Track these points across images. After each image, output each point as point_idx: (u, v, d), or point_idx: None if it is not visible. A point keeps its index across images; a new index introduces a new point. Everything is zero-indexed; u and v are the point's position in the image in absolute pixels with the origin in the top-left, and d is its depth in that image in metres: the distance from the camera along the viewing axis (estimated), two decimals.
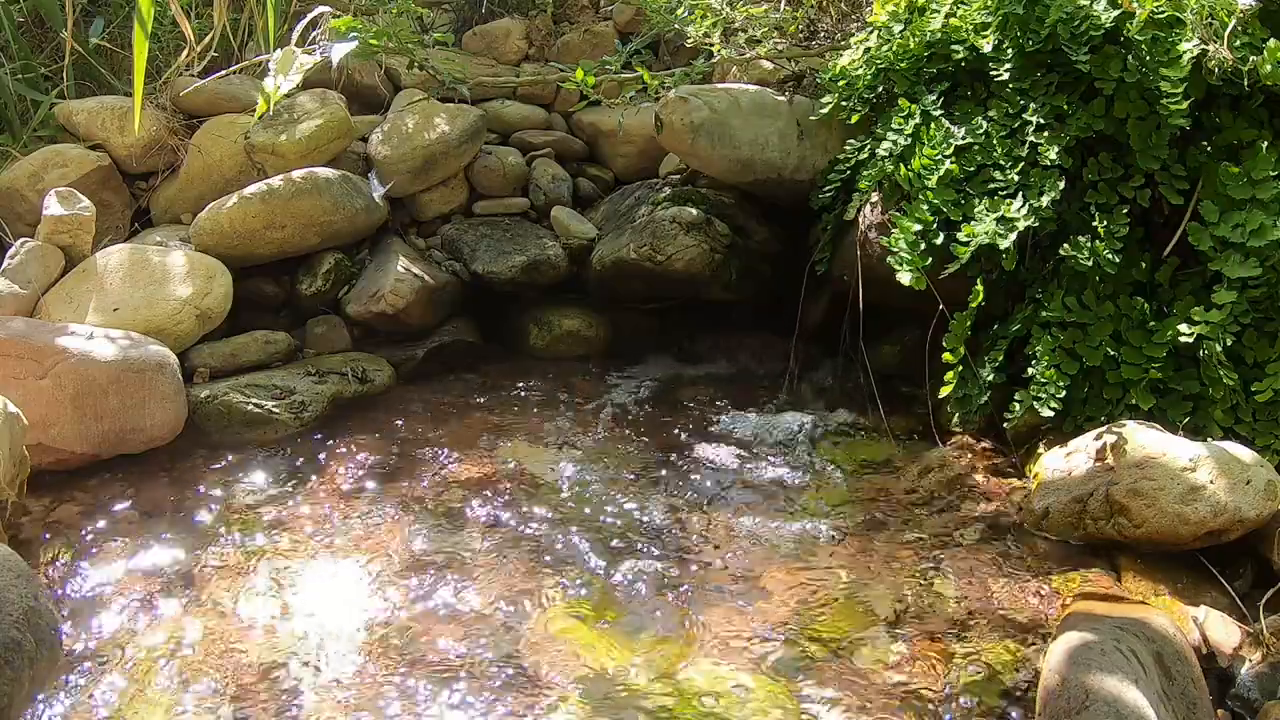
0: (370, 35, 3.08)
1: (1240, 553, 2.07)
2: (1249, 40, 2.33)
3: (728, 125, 3.02)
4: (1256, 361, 2.29)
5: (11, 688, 1.63)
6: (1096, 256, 2.35)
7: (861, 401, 2.86)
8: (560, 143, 3.74)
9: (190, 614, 2.00)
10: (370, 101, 3.69)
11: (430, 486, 2.49)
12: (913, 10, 2.83)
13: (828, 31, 3.47)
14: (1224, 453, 2.06)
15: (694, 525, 2.33)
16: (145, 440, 2.53)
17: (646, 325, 3.38)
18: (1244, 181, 2.31)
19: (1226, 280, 2.28)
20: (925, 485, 2.48)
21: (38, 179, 3.10)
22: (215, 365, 2.83)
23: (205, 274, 2.86)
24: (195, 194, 3.25)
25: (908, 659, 1.86)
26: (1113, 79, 2.40)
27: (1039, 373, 2.37)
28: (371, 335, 3.15)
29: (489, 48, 4.14)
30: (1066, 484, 2.21)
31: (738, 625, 1.97)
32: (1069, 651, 1.69)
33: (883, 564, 2.16)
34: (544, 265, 3.26)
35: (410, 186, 3.37)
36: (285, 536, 2.27)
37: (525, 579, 2.12)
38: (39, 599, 1.77)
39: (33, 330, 2.49)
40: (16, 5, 3.51)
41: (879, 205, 2.71)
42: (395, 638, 1.93)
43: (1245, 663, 1.83)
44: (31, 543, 2.20)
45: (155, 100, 3.36)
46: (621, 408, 2.97)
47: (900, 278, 2.48)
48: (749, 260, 3.18)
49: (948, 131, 2.58)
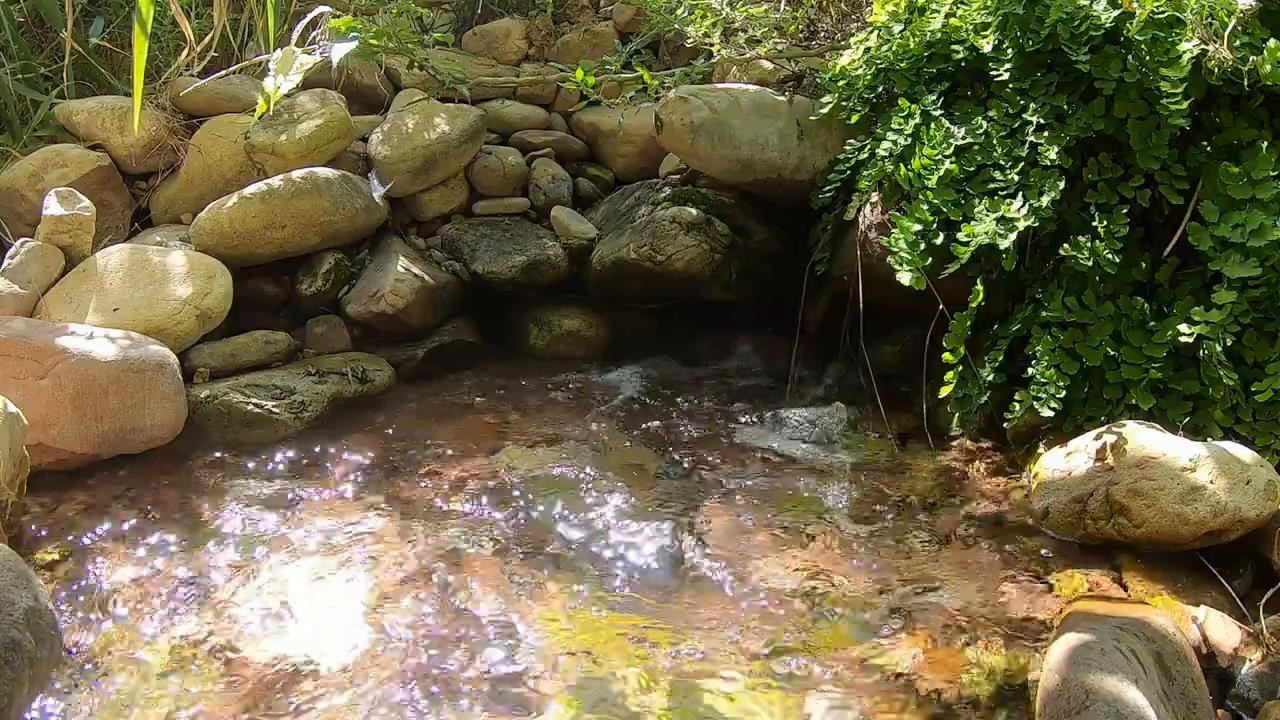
0: (370, 35, 3.08)
1: (1240, 553, 2.07)
2: (1249, 40, 2.33)
3: (728, 125, 3.02)
4: (1256, 361, 2.29)
5: (11, 688, 1.63)
6: (1096, 256, 2.35)
7: (862, 401, 2.86)
8: (560, 143, 3.74)
9: (190, 614, 2.00)
10: (370, 101, 3.69)
11: (430, 486, 2.49)
12: (913, 10, 2.83)
13: (828, 31, 3.47)
14: (1224, 453, 2.06)
15: (694, 525, 2.33)
16: (145, 440, 2.53)
17: (646, 325, 3.38)
18: (1244, 181, 2.31)
19: (1226, 280, 2.28)
20: (925, 485, 2.48)
21: (38, 179, 3.10)
22: (215, 365, 2.83)
23: (205, 274, 2.86)
24: (195, 194, 3.25)
25: (907, 658, 1.86)
26: (1113, 79, 2.40)
27: (1039, 373, 2.37)
28: (371, 335, 3.15)
29: (489, 48, 4.14)
30: (1066, 484, 2.21)
31: (737, 625, 1.97)
32: (1069, 651, 1.69)
33: (882, 563, 2.16)
34: (544, 265, 3.26)
35: (410, 186, 3.37)
36: (285, 536, 2.27)
37: (525, 579, 2.12)
38: (39, 599, 1.77)
39: (33, 330, 2.49)
40: (16, 5, 3.51)
41: (879, 205, 2.71)
42: (396, 637, 1.93)
43: (1245, 663, 1.83)
44: (31, 543, 2.20)
45: (155, 100, 3.36)
46: (621, 408, 2.97)
47: (900, 278, 2.48)
48: (749, 260, 3.18)
49: (948, 131, 2.58)
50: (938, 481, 2.49)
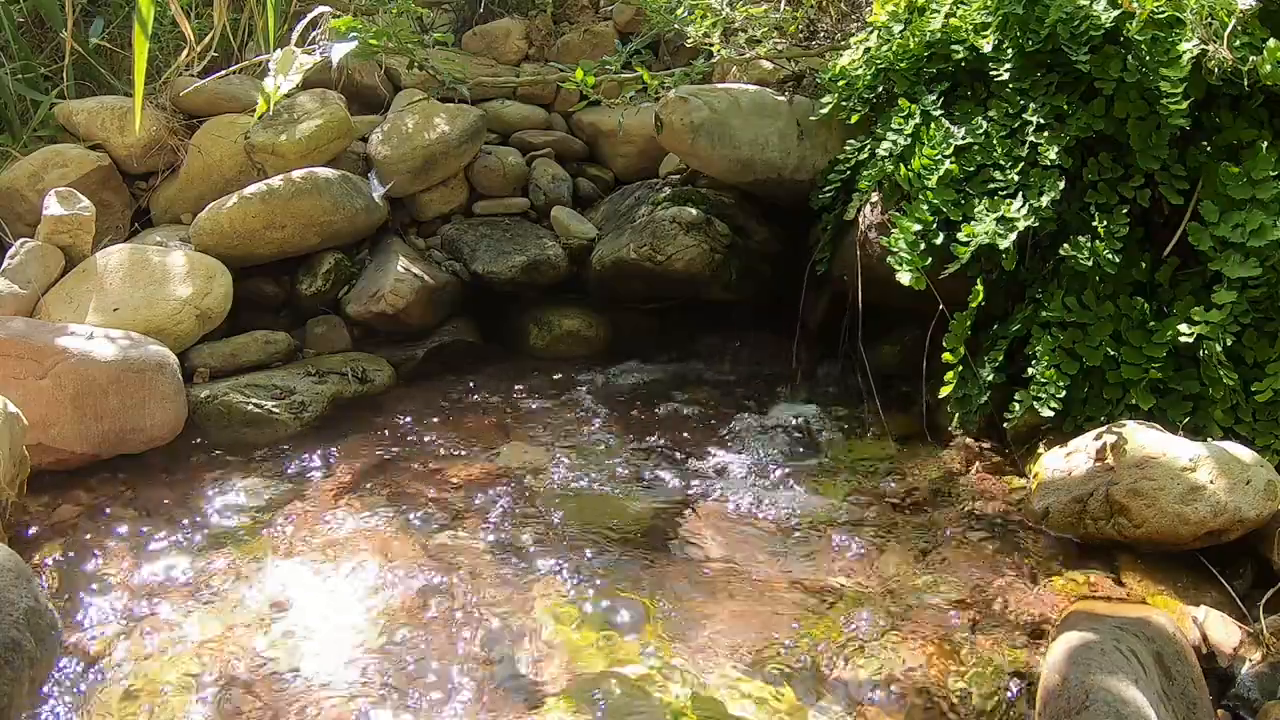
0: (370, 35, 3.08)
1: (1240, 553, 2.07)
2: (1249, 40, 2.33)
3: (728, 125, 3.02)
4: (1256, 361, 2.29)
5: (11, 688, 1.63)
6: (1096, 256, 2.35)
7: (861, 401, 2.86)
8: (560, 143, 3.74)
9: (190, 614, 2.00)
10: (370, 101, 3.69)
11: (430, 486, 2.49)
12: (913, 10, 2.83)
13: (828, 31, 3.47)
14: (1224, 453, 2.06)
15: (694, 524, 2.33)
16: (145, 440, 2.53)
17: (646, 325, 3.38)
18: (1244, 181, 2.30)
19: (1226, 280, 2.28)
20: (925, 485, 2.48)
21: (38, 179, 3.10)
22: (215, 365, 2.83)
23: (205, 274, 2.86)
24: (195, 194, 3.25)
25: (907, 658, 1.86)
26: (1113, 79, 2.39)
27: (1039, 373, 2.37)
28: (371, 335, 3.15)
29: (489, 48, 4.14)
30: (1066, 484, 2.21)
31: (736, 624, 1.97)
32: (1069, 651, 1.69)
33: (882, 563, 2.16)
34: (544, 265, 3.26)
35: (410, 186, 3.37)
36: (285, 536, 2.26)
37: (525, 578, 2.12)
38: (39, 599, 1.77)
39: (33, 330, 2.49)
40: (16, 5, 3.51)
41: (879, 205, 2.71)
42: (395, 637, 1.93)
43: (1245, 663, 1.83)
44: (31, 543, 2.20)
45: (155, 100, 3.36)
46: (621, 408, 2.97)
47: (900, 278, 2.48)
48: (749, 260, 3.18)
49: (948, 131, 2.58)
50: (937, 481, 2.49)
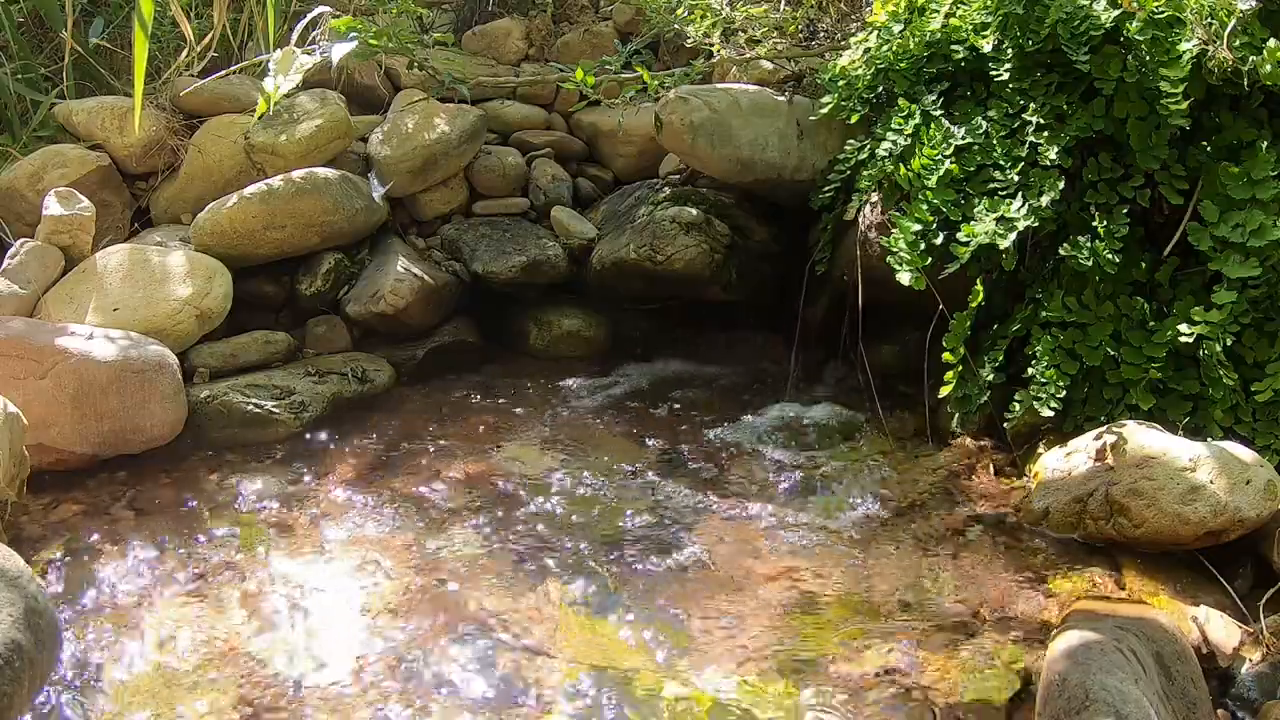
0: (370, 35, 3.08)
1: (1240, 553, 2.07)
2: (1249, 40, 2.33)
3: (727, 125, 3.02)
4: (1256, 361, 2.29)
5: (11, 688, 1.62)
6: (1096, 256, 2.35)
7: (861, 401, 2.86)
8: (560, 143, 3.74)
9: (190, 614, 2.00)
10: (370, 101, 3.69)
11: (430, 486, 2.49)
12: (913, 10, 2.83)
13: (828, 31, 3.48)
14: (1224, 453, 2.06)
15: (694, 524, 2.33)
16: (145, 440, 2.53)
17: (646, 325, 3.38)
18: (1244, 181, 2.31)
19: (1226, 280, 2.28)
20: (925, 484, 2.48)
21: (38, 179, 3.10)
22: (215, 365, 2.83)
23: (205, 274, 2.86)
24: (195, 194, 3.25)
25: (907, 658, 1.86)
26: (1113, 79, 2.40)
27: (1039, 373, 2.37)
28: (371, 335, 3.15)
29: (489, 48, 4.14)
30: (1066, 484, 2.21)
31: (736, 623, 1.97)
32: (1069, 651, 1.69)
33: (882, 563, 2.16)
34: (544, 265, 3.26)
35: (410, 186, 3.37)
36: (285, 536, 2.27)
37: (525, 578, 2.12)
38: (38, 599, 1.77)
39: (33, 330, 2.49)
40: (16, 5, 3.51)
41: (879, 205, 2.71)
42: (395, 638, 1.93)
43: (1245, 663, 1.83)
44: (31, 543, 2.20)
45: (155, 100, 3.35)
46: (621, 408, 2.97)
47: (900, 278, 2.48)
48: (749, 260, 3.18)
49: (948, 131, 2.58)
50: (937, 481, 2.49)
